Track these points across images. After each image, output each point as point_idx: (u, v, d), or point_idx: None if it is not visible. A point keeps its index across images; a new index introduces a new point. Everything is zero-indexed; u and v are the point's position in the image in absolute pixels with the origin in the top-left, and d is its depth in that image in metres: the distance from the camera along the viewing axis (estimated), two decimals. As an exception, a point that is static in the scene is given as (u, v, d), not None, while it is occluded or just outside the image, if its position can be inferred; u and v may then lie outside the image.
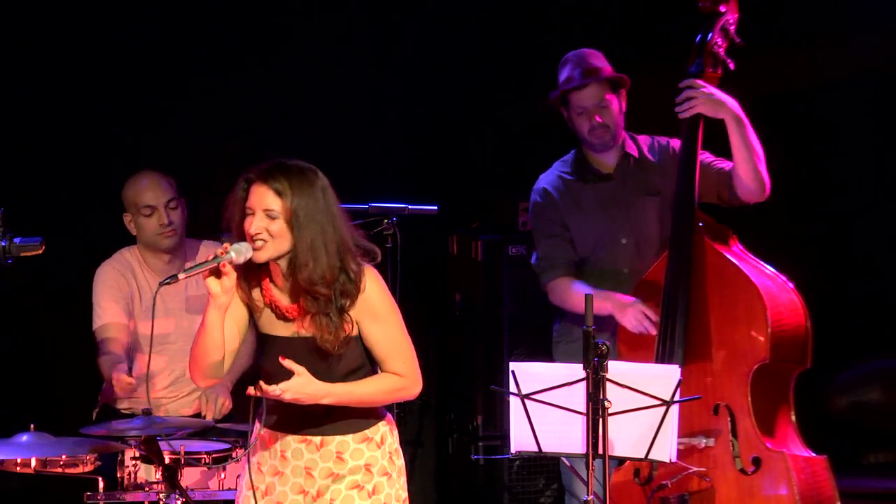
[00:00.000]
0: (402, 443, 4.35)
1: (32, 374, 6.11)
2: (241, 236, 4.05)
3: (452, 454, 6.79)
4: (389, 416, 4.26)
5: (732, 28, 5.29)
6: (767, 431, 4.96)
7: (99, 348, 5.36)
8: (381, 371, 4.17)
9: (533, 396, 4.30)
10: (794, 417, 5.08)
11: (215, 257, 3.98)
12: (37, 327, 6.17)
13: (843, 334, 6.53)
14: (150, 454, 4.66)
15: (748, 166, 5.20)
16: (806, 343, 5.08)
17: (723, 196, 5.35)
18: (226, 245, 4.02)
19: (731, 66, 5.28)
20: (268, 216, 4.02)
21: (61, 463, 4.75)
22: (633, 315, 5.12)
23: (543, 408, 4.30)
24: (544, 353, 5.64)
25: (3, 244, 3.99)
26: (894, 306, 6.67)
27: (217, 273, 4.00)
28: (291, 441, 4.15)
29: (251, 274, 4.12)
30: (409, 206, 5.20)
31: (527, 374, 4.33)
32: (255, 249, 4.02)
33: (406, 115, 6.91)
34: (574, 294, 5.36)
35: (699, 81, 5.21)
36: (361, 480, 4.12)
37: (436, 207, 5.36)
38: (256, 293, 4.15)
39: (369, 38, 6.90)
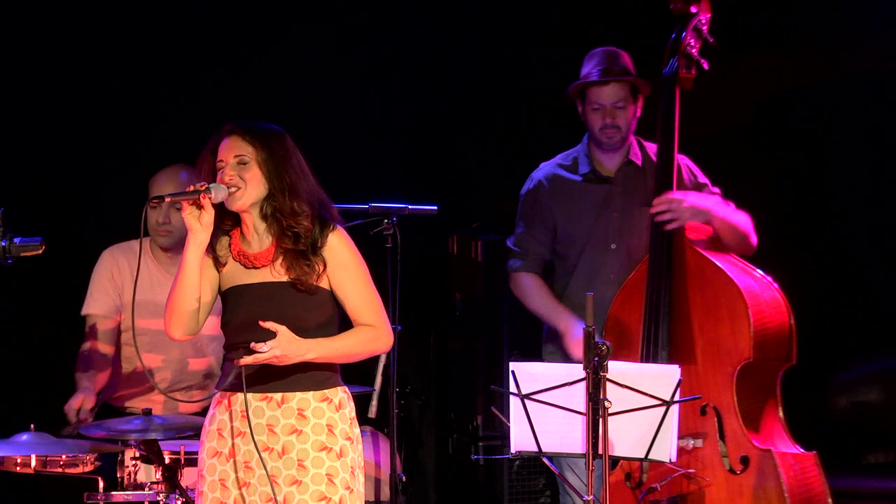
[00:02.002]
0: (403, 442, 4.36)
1: (32, 374, 6.11)
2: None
3: (452, 454, 6.79)
4: (346, 387, 4.30)
5: (705, 28, 5.31)
6: (754, 430, 4.96)
7: (81, 344, 5.38)
8: (355, 326, 4.23)
9: (533, 396, 4.31)
10: (781, 414, 5.08)
11: (195, 189, 4.09)
12: (37, 327, 6.16)
13: (843, 334, 6.54)
14: (150, 454, 4.67)
15: (736, 243, 5.27)
16: (790, 340, 5.08)
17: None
18: (203, 183, 4.13)
19: (706, 65, 5.30)
20: (239, 162, 4.15)
21: (61, 463, 4.75)
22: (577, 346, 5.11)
23: (543, 408, 4.30)
24: (544, 352, 5.64)
25: (3, 244, 3.99)
26: (894, 306, 6.67)
27: (197, 207, 4.11)
28: (252, 400, 4.17)
29: (217, 230, 4.21)
30: (409, 206, 5.20)
31: (527, 374, 4.33)
32: (229, 195, 4.13)
33: (406, 116, 6.91)
34: (531, 297, 5.48)
35: (674, 195, 5.20)
36: (328, 441, 4.16)
37: (436, 207, 5.35)
38: (221, 249, 4.25)
39: (370, 39, 6.90)
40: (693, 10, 5.29)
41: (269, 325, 4.05)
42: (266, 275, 4.19)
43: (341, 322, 4.27)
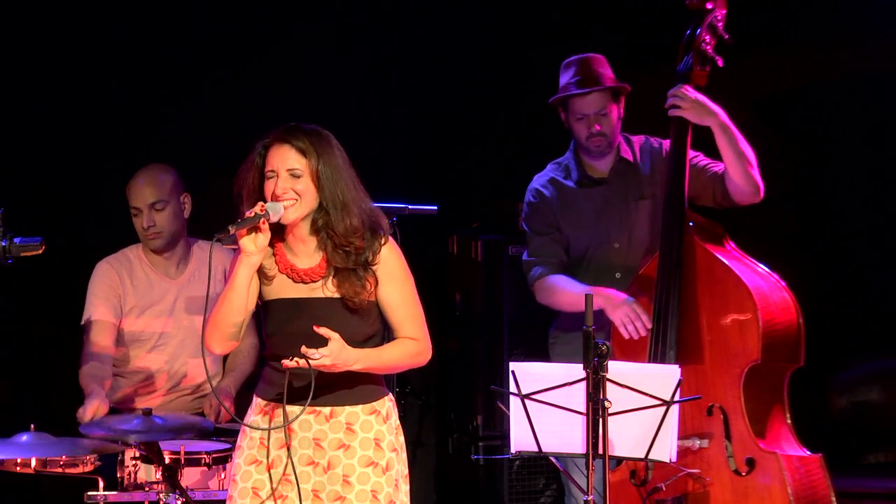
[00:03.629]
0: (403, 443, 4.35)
1: (32, 374, 6.11)
2: (256, 202, 4.05)
3: (452, 454, 6.78)
4: (391, 394, 4.28)
5: (720, 24, 5.28)
6: (761, 432, 4.96)
7: (83, 350, 5.36)
8: (397, 337, 4.19)
9: (533, 396, 4.30)
10: (788, 416, 5.08)
11: (255, 215, 3.99)
12: (37, 327, 6.16)
13: (843, 334, 6.54)
14: (150, 454, 4.66)
15: (739, 171, 5.20)
16: (798, 341, 5.07)
17: (717, 198, 5.34)
18: (261, 204, 4.02)
19: (720, 63, 5.27)
20: (292, 175, 4.05)
21: (61, 463, 4.75)
22: (625, 313, 5.11)
23: (543, 408, 4.30)
24: (544, 353, 5.64)
25: (3, 244, 3.99)
26: (894, 306, 6.67)
27: (253, 231, 4.01)
28: (296, 411, 4.11)
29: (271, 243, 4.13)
30: (409, 206, 5.20)
31: (527, 374, 4.33)
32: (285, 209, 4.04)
33: (406, 116, 6.91)
34: (562, 292, 5.35)
35: (688, 88, 5.19)
36: (374, 457, 4.12)
37: (436, 207, 5.35)
38: (267, 261, 4.15)
39: (370, 39, 6.90)
40: (709, 6, 5.25)
41: (323, 331, 3.98)
42: (316, 290, 4.12)
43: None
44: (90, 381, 5.19)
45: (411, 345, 4.18)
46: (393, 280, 4.14)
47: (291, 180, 4.05)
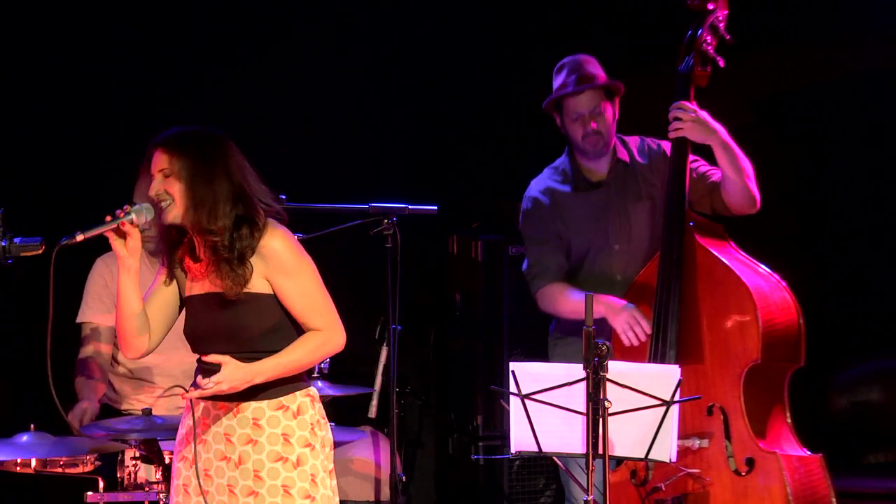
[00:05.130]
0: (403, 442, 4.34)
1: (32, 374, 6.10)
2: (152, 202, 4.13)
3: (452, 454, 6.79)
4: (313, 388, 4.25)
5: (722, 25, 5.28)
6: (761, 432, 4.96)
7: (78, 355, 5.42)
8: (305, 332, 4.17)
9: (533, 396, 4.30)
10: (788, 416, 5.07)
11: (114, 218, 4.07)
12: (37, 327, 6.16)
13: (843, 334, 6.54)
14: (150, 454, 4.67)
15: (737, 186, 5.22)
16: (799, 341, 5.07)
17: (714, 206, 5.35)
18: (126, 206, 4.09)
19: (721, 63, 5.27)
20: (163, 175, 4.10)
21: (61, 463, 4.75)
22: (625, 319, 5.11)
23: (543, 408, 4.30)
24: (544, 353, 5.64)
25: (3, 244, 3.99)
26: (894, 306, 6.67)
27: (121, 234, 4.08)
28: (210, 408, 4.17)
29: (174, 243, 4.20)
30: (409, 206, 5.20)
31: (527, 374, 4.33)
32: (160, 210, 4.09)
33: (406, 116, 6.91)
34: (564, 300, 5.35)
35: (689, 105, 5.20)
36: (283, 451, 4.12)
37: (436, 207, 5.35)
38: (175, 260, 4.23)
39: (370, 39, 6.90)
40: (710, 6, 5.25)
41: (212, 358, 4.05)
42: (206, 286, 4.15)
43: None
44: (82, 385, 5.29)
45: (314, 338, 4.14)
46: (283, 273, 4.11)
47: (164, 181, 4.10)
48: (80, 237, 4.04)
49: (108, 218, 4.07)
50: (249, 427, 4.13)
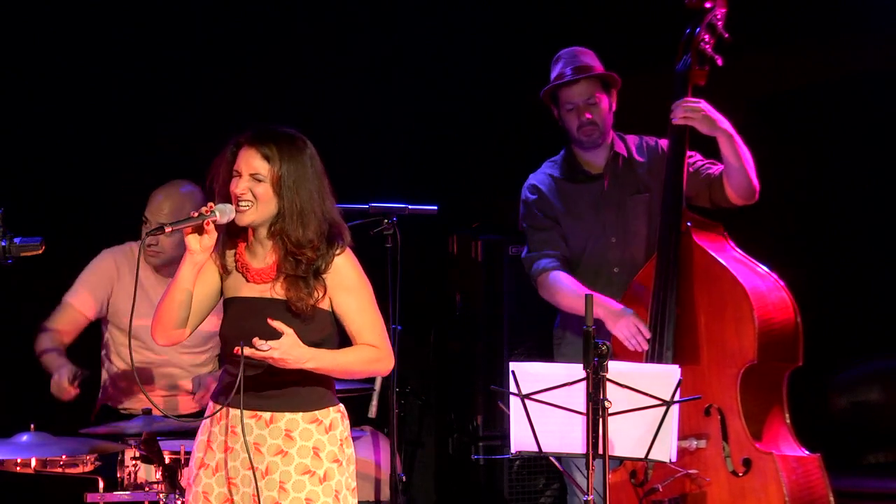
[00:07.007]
0: (403, 442, 4.34)
1: (32, 374, 6.11)
2: (226, 198, 4.08)
3: (452, 454, 6.79)
4: (342, 405, 4.24)
5: (720, 24, 5.28)
6: (758, 432, 4.95)
7: (48, 322, 5.42)
8: (355, 345, 4.16)
9: (533, 396, 4.31)
10: (787, 416, 5.07)
11: (199, 215, 4.02)
12: (37, 327, 6.16)
13: (843, 334, 6.54)
14: (150, 454, 4.67)
15: (740, 175, 5.23)
16: (796, 341, 5.07)
17: (714, 199, 5.35)
18: (210, 204, 4.05)
19: (720, 62, 5.27)
20: (254, 179, 4.06)
21: (61, 463, 4.75)
22: (626, 327, 5.11)
23: (543, 408, 4.30)
24: (544, 353, 5.64)
25: (3, 244, 3.99)
26: (894, 306, 6.67)
27: (199, 230, 4.04)
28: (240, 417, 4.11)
29: (227, 238, 4.16)
30: (409, 206, 5.20)
31: (527, 374, 4.33)
32: (238, 211, 4.06)
33: (406, 116, 6.91)
34: (563, 293, 5.34)
35: (701, 101, 5.19)
36: (312, 465, 4.10)
37: (436, 207, 5.35)
38: (229, 257, 4.18)
39: (369, 39, 6.91)
40: (708, 5, 5.25)
41: (276, 324, 3.97)
42: (265, 291, 4.12)
43: (340, 342, 4.19)
44: (51, 355, 5.28)
45: (370, 351, 4.14)
46: (346, 290, 4.12)
47: (252, 183, 4.06)
48: (168, 230, 4.02)
49: (195, 214, 4.02)
50: (281, 438, 4.10)
